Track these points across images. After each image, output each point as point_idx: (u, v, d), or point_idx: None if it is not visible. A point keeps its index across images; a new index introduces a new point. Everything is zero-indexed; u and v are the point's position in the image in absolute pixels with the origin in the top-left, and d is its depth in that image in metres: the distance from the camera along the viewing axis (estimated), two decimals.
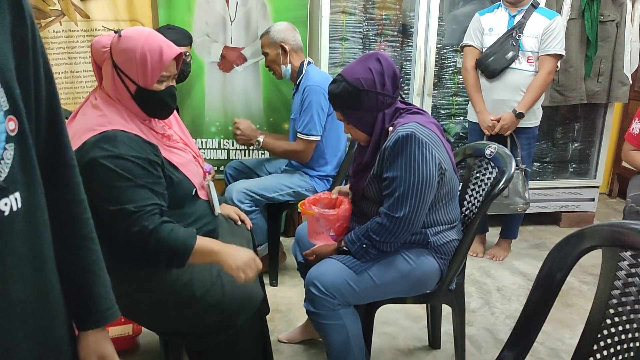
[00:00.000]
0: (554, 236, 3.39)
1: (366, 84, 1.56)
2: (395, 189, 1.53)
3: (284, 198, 2.53)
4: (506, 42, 2.68)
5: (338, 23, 3.00)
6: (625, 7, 3.11)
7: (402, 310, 2.40)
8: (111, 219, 1.33)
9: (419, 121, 1.57)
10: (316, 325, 1.66)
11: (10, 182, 0.66)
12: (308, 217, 1.73)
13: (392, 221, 1.54)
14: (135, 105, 1.42)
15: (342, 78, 1.59)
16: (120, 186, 1.30)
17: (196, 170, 1.57)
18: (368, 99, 1.58)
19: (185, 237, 1.38)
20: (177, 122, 1.67)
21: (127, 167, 1.31)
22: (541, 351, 2.14)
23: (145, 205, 1.33)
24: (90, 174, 1.28)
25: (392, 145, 1.53)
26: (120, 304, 1.31)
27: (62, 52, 2.76)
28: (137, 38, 1.37)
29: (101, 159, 1.29)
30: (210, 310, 1.44)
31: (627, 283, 1.03)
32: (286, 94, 3.01)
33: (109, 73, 1.41)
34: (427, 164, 1.51)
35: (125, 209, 1.30)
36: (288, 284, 2.68)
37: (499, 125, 2.71)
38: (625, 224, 1.04)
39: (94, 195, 1.31)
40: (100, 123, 1.34)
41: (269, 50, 2.53)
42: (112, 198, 1.31)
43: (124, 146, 1.32)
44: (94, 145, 1.30)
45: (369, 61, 1.59)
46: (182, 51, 1.46)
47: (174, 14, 2.85)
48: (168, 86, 1.45)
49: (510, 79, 2.71)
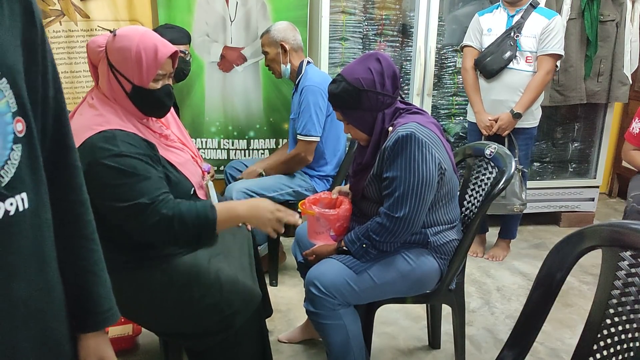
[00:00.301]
0: (553, 236, 3.39)
1: (366, 84, 1.56)
2: (395, 189, 1.53)
3: (283, 198, 2.53)
4: (504, 42, 2.68)
5: (338, 23, 2.99)
6: (625, 7, 3.10)
7: (402, 310, 2.40)
8: (126, 216, 1.33)
9: (418, 121, 1.57)
10: (316, 325, 1.66)
11: (17, 183, 0.67)
12: (308, 216, 1.73)
13: (392, 221, 1.54)
14: (131, 104, 1.42)
15: (342, 78, 1.59)
16: (128, 183, 1.31)
17: (194, 169, 1.57)
18: (368, 99, 1.58)
19: (206, 210, 1.39)
20: (175, 122, 1.66)
21: (131, 164, 1.31)
22: (541, 351, 2.14)
23: (158, 195, 1.33)
24: (94, 175, 1.28)
25: (392, 145, 1.53)
26: (120, 304, 1.31)
27: (62, 52, 2.76)
28: (132, 37, 1.37)
29: (103, 159, 1.29)
30: (209, 311, 1.44)
31: (627, 283, 1.03)
32: (286, 93, 3.01)
33: (105, 72, 1.41)
34: (427, 163, 1.51)
35: (140, 203, 1.31)
36: (288, 283, 2.68)
37: (497, 125, 2.71)
38: (625, 224, 1.03)
39: (98, 195, 1.31)
40: (97, 122, 1.34)
41: (269, 49, 2.53)
42: (122, 195, 1.31)
43: (124, 144, 1.32)
44: (94, 146, 1.30)
45: (368, 61, 1.59)
46: (177, 49, 1.46)
47: (174, 14, 2.85)
48: (164, 85, 1.45)
49: (509, 79, 2.71)
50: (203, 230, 1.39)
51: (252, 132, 3.13)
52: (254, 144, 3.15)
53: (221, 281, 1.47)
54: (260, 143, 3.15)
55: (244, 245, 1.73)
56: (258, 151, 3.16)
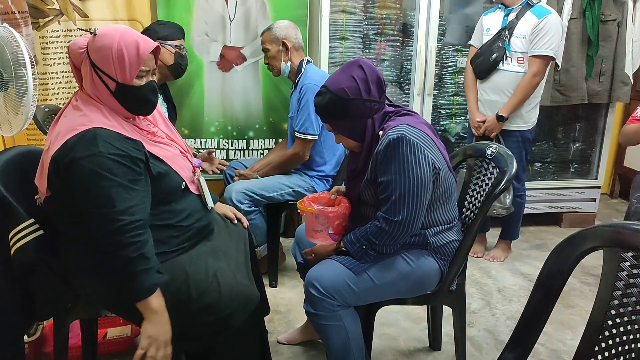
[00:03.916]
0: (555, 237, 3.38)
1: (351, 92, 1.55)
2: (391, 193, 1.52)
3: (283, 198, 2.52)
4: (494, 43, 2.67)
5: (338, 22, 2.99)
6: (626, 7, 3.10)
7: (402, 312, 2.39)
8: (89, 216, 1.32)
9: (408, 122, 1.56)
10: (316, 327, 1.65)
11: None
12: (307, 215, 1.72)
13: (391, 225, 1.53)
14: (116, 103, 1.41)
15: (326, 90, 1.58)
16: (102, 186, 1.29)
17: (184, 163, 1.55)
18: (355, 107, 1.57)
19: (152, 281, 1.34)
20: (163, 120, 1.65)
21: (107, 166, 1.30)
22: (542, 352, 2.13)
23: (125, 209, 1.30)
24: (72, 174, 1.29)
25: (384, 149, 1.52)
26: (119, 304, 1.30)
27: (61, 51, 2.75)
28: (113, 35, 1.37)
29: (80, 160, 1.29)
30: (207, 311, 1.42)
31: (629, 284, 1.02)
32: (285, 93, 3.00)
33: (88, 73, 1.40)
34: (421, 165, 1.50)
35: (102, 212, 1.29)
36: (288, 285, 2.67)
37: (484, 127, 2.72)
38: (626, 225, 1.03)
39: (79, 196, 1.31)
40: (81, 123, 1.34)
41: (270, 46, 2.52)
42: (90, 197, 1.30)
43: (104, 144, 1.31)
44: (73, 145, 1.30)
45: (351, 69, 1.58)
46: (158, 45, 1.46)
47: (173, 13, 2.85)
48: (148, 81, 1.44)
49: (497, 80, 2.71)
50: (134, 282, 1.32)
51: (251, 132, 3.12)
52: (254, 144, 3.14)
53: (219, 281, 1.45)
54: (260, 143, 3.14)
55: (241, 244, 1.72)
56: (257, 151, 3.14)
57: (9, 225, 1.39)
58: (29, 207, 1.44)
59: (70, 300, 1.51)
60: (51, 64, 2.75)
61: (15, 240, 1.37)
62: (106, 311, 1.59)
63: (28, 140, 2.78)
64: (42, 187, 1.39)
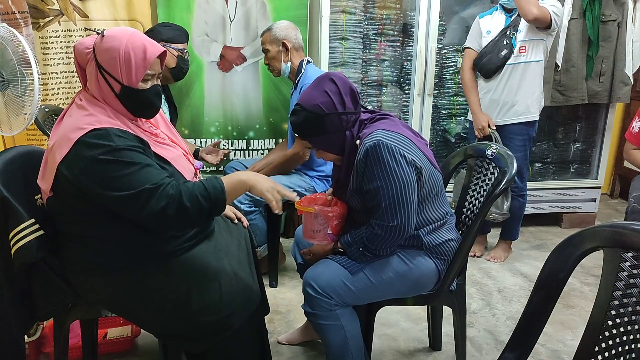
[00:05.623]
0: (555, 237, 3.38)
1: (326, 107, 1.55)
2: (381, 200, 1.52)
3: (283, 198, 2.51)
4: (500, 40, 2.69)
5: (338, 22, 2.99)
6: (626, 7, 3.10)
7: (402, 312, 2.39)
8: (132, 205, 1.31)
9: (383, 127, 1.56)
10: (314, 326, 1.65)
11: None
12: (304, 215, 1.72)
13: (387, 230, 1.53)
14: (120, 105, 1.41)
15: (301, 107, 1.58)
16: (129, 172, 1.30)
17: (187, 165, 1.56)
18: (331, 122, 1.57)
19: (212, 180, 1.39)
20: (164, 122, 1.66)
21: (129, 155, 1.31)
22: (542, 353, 2.13)
23: (162, 178, 1.33)
24: (94, 172, 1.28)
25: (363, 157, 1.52)
26: (118, 304, 1.30)
27: (61, 51, 2.75)
28: (121, 37, 1.37)
29: (101, 156, 1.28)
30: (207, 311, 1.42)
31: (629, 284, 1.02)
32: (286, 93, 3.00)
33: (93, 74, 1.40)
34: (402, 166, 1.50)
35: (145, 189, 1.30)
36: (288, 285, 2.67)
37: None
38: (626, 225, 1.02)
39: (102, 190, 1.30)
40: (88, 122, 1.33)
41: (270, 47, 2.52)
42: (125, 185, 1.29)
43: (119, 139, 1.32)
44: (88, 144, 1.29)
45: (323, 84, 1.58)
46: (165, 50, 1.46)
47: (173, 14, 2.85)
48: (153, 85, 1.45)
49: (507, 77, 2.72)
50: (214, 201, 1.37)
51: (251, 132, 3.12)
52: (254, 144, 3.14)
53: (220, 281, 1.46)
54: (260, 143, 3.14)
55: (242, 242, 1.72)
56: (257, 151, 3.14)
57: (10, 225, 1.38)
58: (29, 207, 1.44)
59: (70, 300, 1.51)
60: (51, 64, 2.75)
61: (16, 241, 1.37)
62: (106, 311, 1.59)
63: (28, 141, 2.78)
64: (46, 188, 1.39)
